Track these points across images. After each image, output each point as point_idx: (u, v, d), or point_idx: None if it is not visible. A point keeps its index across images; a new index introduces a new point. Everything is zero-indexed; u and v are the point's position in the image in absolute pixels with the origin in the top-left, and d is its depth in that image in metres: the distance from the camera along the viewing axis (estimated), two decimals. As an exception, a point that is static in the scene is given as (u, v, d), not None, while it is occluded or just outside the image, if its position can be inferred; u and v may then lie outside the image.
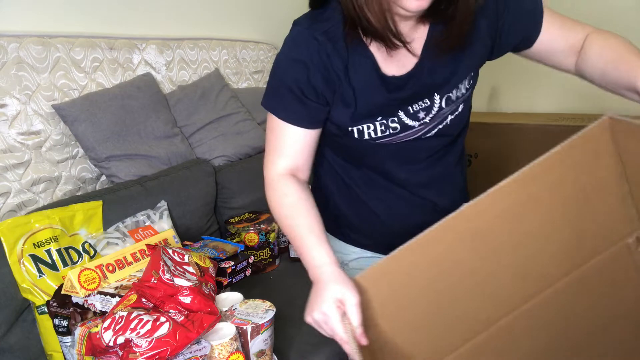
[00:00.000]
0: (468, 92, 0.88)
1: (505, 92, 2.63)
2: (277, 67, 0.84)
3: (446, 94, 0.85)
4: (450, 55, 0.82)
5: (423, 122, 0.86)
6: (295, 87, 0.81)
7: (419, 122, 0.86)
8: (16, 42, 1.41)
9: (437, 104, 0.85)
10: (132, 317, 0.84)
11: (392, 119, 0.84)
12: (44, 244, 1.16)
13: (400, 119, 0.85)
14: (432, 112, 0.86)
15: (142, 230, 1.33)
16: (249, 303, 1.06)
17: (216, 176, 1.74)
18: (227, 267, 1.27)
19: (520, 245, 0.77)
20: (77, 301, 1.03)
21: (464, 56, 0.84)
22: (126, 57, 1.73)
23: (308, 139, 0.86)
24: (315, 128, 0.86)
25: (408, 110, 0.84)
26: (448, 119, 0.88)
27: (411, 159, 0.91)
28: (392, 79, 0.82)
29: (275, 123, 0.86)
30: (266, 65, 2.37)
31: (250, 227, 1.64)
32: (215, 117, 1.90)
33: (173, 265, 1.01)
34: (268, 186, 0.88)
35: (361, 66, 0.81)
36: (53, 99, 1.49)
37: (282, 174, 0.86)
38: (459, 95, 0.87)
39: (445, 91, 0.85)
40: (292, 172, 0.86)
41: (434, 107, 0.85)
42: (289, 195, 0.84)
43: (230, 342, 0.91)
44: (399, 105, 0.84)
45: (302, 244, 0.79)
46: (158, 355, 0.79)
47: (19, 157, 1.40)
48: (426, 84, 0.84)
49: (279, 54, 0.84)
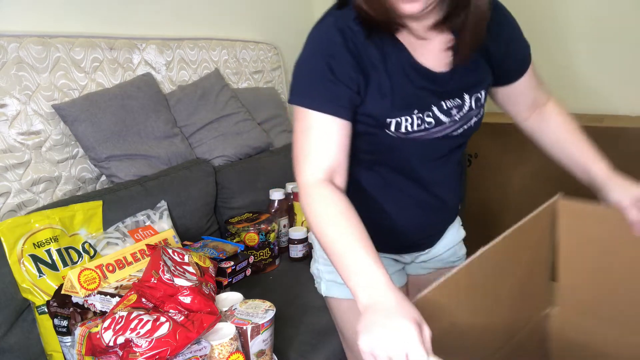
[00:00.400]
0: (486, 96, 0.92)
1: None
2: (306, 56, 0.81)
3: (474, 94, 0.88)
4: (477, 58, 0.87)
5: (453, 119, 0.88)
6: (327, 69, 0.77)
7: (450, 119, 0.87)
8: (16, 42, 1.41)
9: (468, 104, 0.88)
10: (132, 317, 0.84)
11: (428, 112, 0.84)
12: (44, 244, 1.16)
13: (435, 114, 0.85)
14: (463, 111, 0.88)
15: (142, 230, 1.33)
16: (249, 303, 1.05)
17: (216, 176, 1.74)
18: (227, 267, 1.27)
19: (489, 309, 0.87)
20: (77, 301, 1.03)
21: (483, 64, 0.89)
22: (126, 57, 1.73)
23: (342, 131, 0.80)
24: (348, 118, 0.80)
25: (442, 105, 0.85)
26: (473, 120, 0.91)
27: (433, 157, 0.92)
28: (428, 72, 0.84)
29: (305, 121, 0.80)
30: (266, 65, 2.37)
31: (250, 227, 1.64)
32: (215, 117, 1.90)
33: (173, 265, 1.01)
34: (304, 194, 0.79)
35: (397, 57, 0.81)
36: (53, 99, 1.49)
37: (320, 179, 0.78)
38: (483, 98, 0.91)
39: (474, 91, 0.88)
40: (329, 176, 0.79)
41: (464, 106, 0.88)
42: (331, 205, 0.76)
43: (230, 342, 0.90)
44: (434, 100, 0.85)
45: (354, 262, 0.70)
46: (158, 355, 0.79)
47: (19, 157, 1.40)
48: (459, 82, 0.86)
49: (306, 44, 0.81)
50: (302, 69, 0.81)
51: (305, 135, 0.80)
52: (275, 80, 2.43)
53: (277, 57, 2.44)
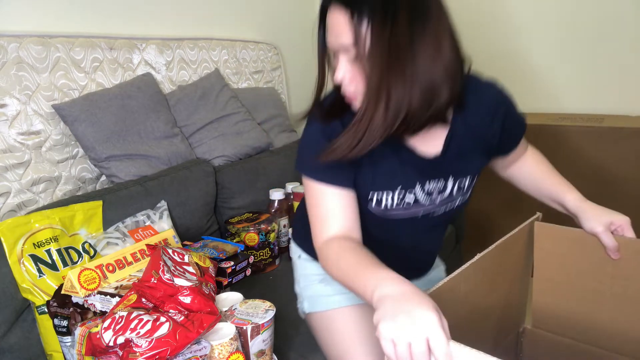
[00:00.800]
0: (474, 182, 1.00)
1: (505, 92, 2.62)
2: (307, 137, 0.90)
3: (460, 178, 0.95)
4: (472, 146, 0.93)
5: (433, 202, 0.95)
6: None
7: (430, 201, 0.95)
8: (16, 42, 1.41)
9: (450, 187, 0.95)
10: (132, 317, 0.84)
11: (411, 190, 0.92)
12: (44, 244, 1.16)
13: (416, 193, 0.93)
14: (444, 194, 0.95)
15: (142, 230, 1.33)
16: (249, 303, 1.05)
17: (216, 176, 1.74)
18: (227, 267, 1.27)
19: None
20: (77, 301, 1.03)
21: (476, 152, 0.95)
22: (126, 57, 1.73)
23: (349, 199, 0.88)
24: (351, 187, 0.89)
25: (425, 185, 0.92)
26: (457, 203, 0.99)
27: (416, 230, 1.00)
28: (417, 155, 0.90)
29: (315, 192, 0.89)
30: (266, 65, 2.38)
31: (250, 227, 1.64)
32: (215, 117, 1.90)
33: (173, 265, 1.01)
34: (323, 251, 0.86)
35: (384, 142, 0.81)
36: (53, 99, 1.49)
37: (336, 236, 0.86)
38: (468, 185, 0.98)
39: (460, 176, 0.95)
40: (344, 234, 0.86)
41: (446, 190, 0.95)
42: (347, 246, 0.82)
43: (230, 342, 0.90)
44: (419, 179, 0.92)
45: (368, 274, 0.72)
46: (158, 355, 0.79)
47: (19, 157, 1.40)
48: (447, 166, 0.93)
49: (307, 127, 0.90)
50: (306, 146, 0.90)
51: (315, 204, 0.89)
52: (275, 80, 2.43)
53: (277, 57, 2.44)
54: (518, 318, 1.08)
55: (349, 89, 0.81)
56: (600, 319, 0.97)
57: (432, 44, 0.75)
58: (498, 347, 1.02)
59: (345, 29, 0.75)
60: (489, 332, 0.98)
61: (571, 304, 1.00)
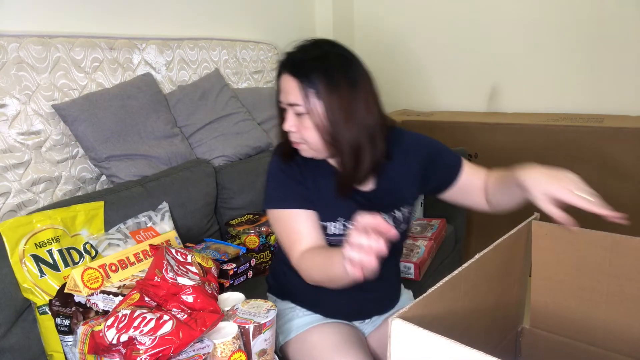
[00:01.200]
0: (410, 215, 1.14)
1: (505, 92, 2.64)
2: (271, 173, 1.08)
3: (392, 210, 1.10)
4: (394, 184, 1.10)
5: None
6: (290, 181, 1.05)
7: None
8: (16, 42, 1.41)
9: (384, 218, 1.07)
10: (135, 315, 0.83)
11: (350, 222, 1.05)
12: (45, 244, 1.16)
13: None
14: None
15: (144, 232, 1.33)
16: (251, 303, 1.05)
17: (216, 176, 1.73)
18: (229, 269, 1.27)
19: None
20: (79, 300, 1.02)
21: (404, 188, 1.11)
22: (126, 57, 1.73)
23: (314, 217, 1.04)
24: (311, 208, 1.04)
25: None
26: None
27: None
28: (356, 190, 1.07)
29: (282, 218, 1.04)
30: (266, 65, 2.38)
31: (251, 230, 1.64)
32: (215, 117, 1.90)
33: (176, 265, 1.01)
34: (300, 265, 1.00)
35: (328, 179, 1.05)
36: (53, 99, 1.49)
37: (308, 247, 1.00)
38: (403, 217, 1.12)
39: (392, 209, 1.10)
40: (315, 245, 1.01)
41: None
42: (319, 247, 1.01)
43: (232, 341, 0.90)
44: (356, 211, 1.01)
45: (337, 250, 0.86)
46: (162, 353, 0.79)
47: (19, 157, 1.40)
48: (380, 200, 1.08)
49: (270, 166, 1.09)
50: (270, 181, 1.08)
51: (284, 228, 1.04)
52: (275, 80, 2.43)
53: (277, 57, 2.44)
54: (516, 318, 1.08)
55: (295, 137, 1.02)
56: (599, 318, 0.97)
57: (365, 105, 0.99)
58: (497, 347, 1.02)
59: (294, 92, 0.98)
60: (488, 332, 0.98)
61: (569, 303, 1.01)
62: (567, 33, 2.35)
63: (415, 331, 0.60)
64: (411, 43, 2.86)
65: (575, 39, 2.33)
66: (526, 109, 2.56)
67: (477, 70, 2.67)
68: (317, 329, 1.13)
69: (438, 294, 0.72)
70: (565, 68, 2.39)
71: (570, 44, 2.35)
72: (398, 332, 0.62)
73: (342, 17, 2.88)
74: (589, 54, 2.31)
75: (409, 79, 2.91)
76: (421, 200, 2.18)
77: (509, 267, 0.97)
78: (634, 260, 0.90)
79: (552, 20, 2.37)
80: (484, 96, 2.70)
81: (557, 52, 2.39)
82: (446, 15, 2.71)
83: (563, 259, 0.99)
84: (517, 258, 1.00)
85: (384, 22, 2.91)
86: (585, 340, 0.99)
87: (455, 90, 2.79)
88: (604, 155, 2.06)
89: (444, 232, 2.00)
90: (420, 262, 1.68)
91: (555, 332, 1.04)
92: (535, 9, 2.41)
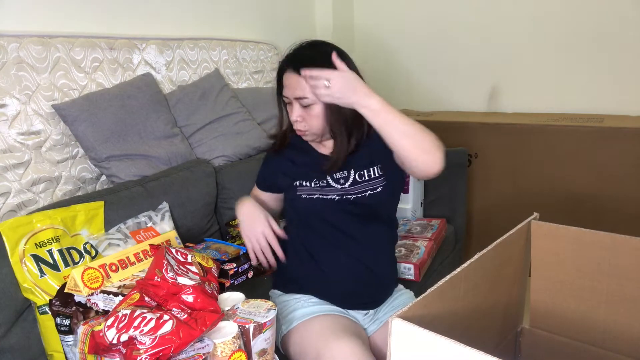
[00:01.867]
0: (381, 178, 1.26)
1: (505, 92, 2.64)
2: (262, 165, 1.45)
3: (358, 171, 1.26)
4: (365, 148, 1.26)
5: (343, 187, 1.25)
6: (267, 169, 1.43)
7: (341, 186, 1.25)
8: (16, 42, 1.41)
9: (352, 176, 1.26)
10: (135, 315, 0.84)
11: (323, 180, 1.26)
12: (45, 244, 1.16)
13: (327, 181, 1.26)
14: (349, 181, 1.25)
15: (144, 232, 1.33)
16: (251, 303, 1.05)
17: (216, 176, 1.73)
18: (230, 269, 1.27)
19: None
20: (79, 300, 1.02)
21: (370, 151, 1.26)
22: (126, 57, 1.73)
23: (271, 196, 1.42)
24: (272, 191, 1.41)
25: (333, 175, 1.26)
26: (367, 193, 1.24)
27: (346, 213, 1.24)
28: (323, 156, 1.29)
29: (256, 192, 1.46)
30: (266, 65, 2.38)
31: (251, 229, 1.63)
32: (215, 117, 1.90)
33: (176, 265, 1.01)
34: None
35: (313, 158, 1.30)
36: (53, 99, 1.49)
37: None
38: (372, 176, 1.25)
39: (357, 169, 1.26)
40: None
41: (350, 178, 1.26)
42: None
43: (232, 341, 0.90)
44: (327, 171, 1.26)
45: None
46: (162, 352, 0.79)
47: (19, 157, 1.40)
48: (348, 162, 1.24)
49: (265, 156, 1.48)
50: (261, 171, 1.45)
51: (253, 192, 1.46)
52: (277, 78, 2.43)
53: (277, 57, 2.44)
54: (516, 318, 1.08)
55: (300, 125, 1.22)
56: (598, 318, 0.97)
57: None
58: (497, 346, 1.02)
59: (300, 86, 1.17)
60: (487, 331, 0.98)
61: (568, 303, 1.01)
62: (567, 33, 2.35)
63: (415, 331, 0.60)
64: (411, 43, 2.86)
65: (575, 39, 2.33)
66: (526, 109, 2.56)
67: (477, 70, 2.68)
68: (319, 317, 1.20)
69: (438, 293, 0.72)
70: (565, 68, 2.40)
71: (570, 44, 2.35)
72: (398, 332, 0.62)
73: (342, 16, 2.88)
74: (589, 54, 2.32)
75: (409, 79, 2.91)
76: (421, 200, 2.18)
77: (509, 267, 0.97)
78: (634, 260, 0.90)
79: (552, 20, 2.37)
80: (484, 96, 2.70)
81: (557, 53, 2.39)
82: (446, 15, 2.72)
83: (563, 259, 0.99)
84: (517, 258, 1.00)
85: (384, 21, 2.92)
86: (585, 340, 0.99)
87: (455, 90, 2.79)
88: (604, 155, 2.06)
89: (444, 232, 2.00)
90: (420, 263, 1.68)
91: (555, 332, 1.04)
92: (535, 9, 2.42)
